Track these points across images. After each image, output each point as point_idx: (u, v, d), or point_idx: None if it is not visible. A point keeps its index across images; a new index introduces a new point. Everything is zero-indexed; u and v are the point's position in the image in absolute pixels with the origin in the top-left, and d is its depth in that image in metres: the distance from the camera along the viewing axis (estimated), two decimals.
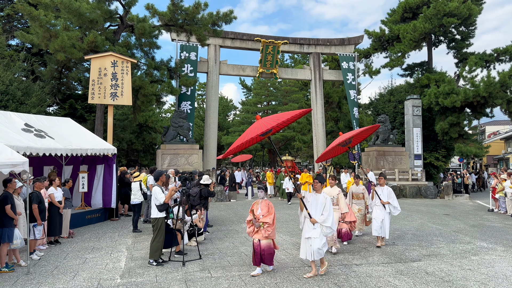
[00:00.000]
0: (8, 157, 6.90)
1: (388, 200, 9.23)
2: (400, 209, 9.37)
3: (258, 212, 6.93)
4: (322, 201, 6.75)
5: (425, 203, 19.08)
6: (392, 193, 9.33)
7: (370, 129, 9.59)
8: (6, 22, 25.08)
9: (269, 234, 6.76)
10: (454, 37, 29.40)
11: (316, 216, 6.65)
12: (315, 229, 6.59)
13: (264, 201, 7.06)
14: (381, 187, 9.46)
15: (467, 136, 26.68)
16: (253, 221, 6.92)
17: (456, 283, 6.53)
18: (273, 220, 6.85)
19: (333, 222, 6.64)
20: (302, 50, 27.65)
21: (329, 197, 6.98)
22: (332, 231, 6.69)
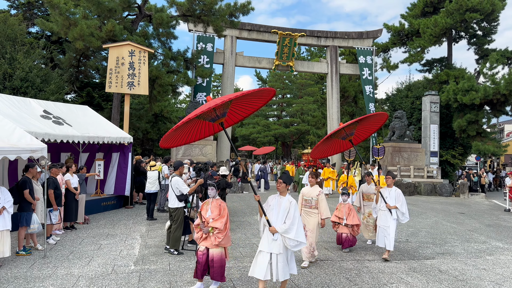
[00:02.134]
0: (28, 143, 7.03)
1: (396, 204, 7.71)
2: (409, 217, 7.86)
3: (208, 214, 5.66)
4: (286, 206, 5.34)
5: (440, 201, 18.85)
6: (401, 196, 7.75)
7: (375, 120, 8.07)
8: (27, 9, 25.42)
9: (219, 241, 5.47)
10: (475, 33, 28.76)
11: (277, 224, 5.26)
12: (276, 240, 5.21)
13: (215, 201, 5.76)
14: (389, 189, 7.90)
15: (485, 134, 26.19)
16: (201, 226, 5.62)
17: (470, 282, 6.45)
18: (226, 225, 5.56)
19: (298, 233, 5.20)
20: (319, 43, 27.42)
21: (296, 200, 5.55)
22: (297, 244, 5.20)
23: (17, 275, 6.22)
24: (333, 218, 8.42)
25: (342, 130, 7.58)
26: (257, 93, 5.42)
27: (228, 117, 6.01)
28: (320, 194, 7.17)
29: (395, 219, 7.70)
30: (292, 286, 6.02)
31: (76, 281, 6.01)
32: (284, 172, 5.72)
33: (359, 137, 8.59)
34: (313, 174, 7.44)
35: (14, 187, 7.64)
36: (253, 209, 13.87)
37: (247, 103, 5.84)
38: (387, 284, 6.23)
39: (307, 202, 7.22)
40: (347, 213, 8.31)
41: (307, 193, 7.32)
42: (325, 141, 7.90)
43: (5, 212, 6.82)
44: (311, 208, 7.17)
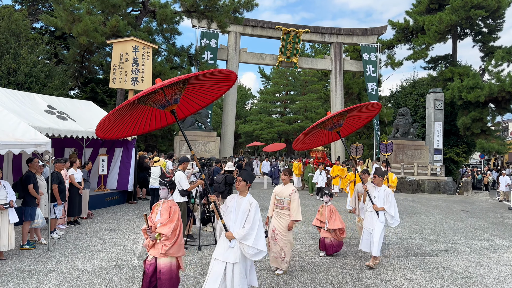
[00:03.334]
0: (32, 137, 7.04)
1: (384, 205, 6.93)
2: (399, 220, 7.11)
3: (157, 218, 4.94)
4: (245, 208, 4.66)
5: (443, 199, 18.80)
6: (390, 197, 6.95)
7: (367, 110, 7.15)
8: (31, 5, 25.46)
9: (167, 250, 4.71)
10: (480, 30, 28.59)
11: (235, 228, 4.60)
12: (233, 248, 4.53)
13: (166, 202, 4.99)
14: (378, 188, 7.11)
15: (489, 132, 26.08)
16: (147, 231, 4.86)
17: (473, 279, 6.43)
18: (175, 231, 4.79)
19: (258, 240, 4.53)
20: (323, 39, 27.33)
21: (255, 203, 4.74)
22: (257, 253, 4.53)
23: (22, 269, 6.25)
24: (315, 222, 7.81)
25: (330, 120, 6.80)
26: (214, 75, 4.63)
27: (182, 104, 5.26)
28: (293, 194, 6.36)
29: (382, 222, 6.91)
30: (295, 281, 6.02)
31: (80, 275, 6.03)
32: (244, 169, 5.02)
33: (347, 129, 7.78)
34: (286, 171, 6.60)
35: (18, 182, 7.67)
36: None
37: (204, 88, 5.07)
38: (390, 280, 6.22)
39: (279, 202, 6.45)
40: (328, 216, 7.58)
41: (279, 192, 6.51)
42: (310, 131, 7.06)
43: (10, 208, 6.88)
44: (283, 209, 6.37)
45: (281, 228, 6.31)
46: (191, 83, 4.75)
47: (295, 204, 6.29)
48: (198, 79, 4.65)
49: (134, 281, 5.84)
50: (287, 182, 6.56)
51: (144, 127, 5.26)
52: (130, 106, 4.56)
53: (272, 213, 6.55)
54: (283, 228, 6.29)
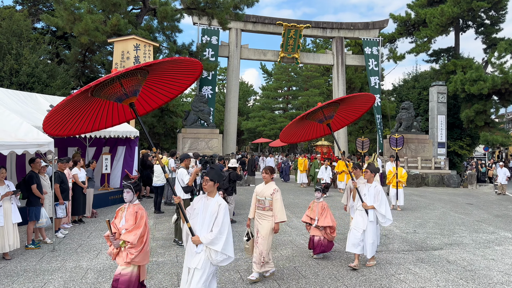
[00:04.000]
0: (35, 137, 7.06)
1: (374, 204, 6.50)
2: (392, 218, 6.61)
3: (121, 223, 4.50)
4: (213, 210, 4.29)
5: (447, 192, 18.75)
6: (381, 195, 6.51)
7: (360, 102, 6.69)
8: (32, 5, 25.48)
9: (132, 259, 4.30)
10: (483, 22, 28.37)
11: (202, 232, 4.24)
12: (199, 253, 4.20)
13: (132, 206, 4.56)
14: (368, 184, 6.67)
15: (493, 125, 25.94)
16: (111, 238, 4.43)
17: (478, 272, 6.41)
18: (141, 238, 4.38)
19: (227, 245, 4.21)
20: (324, 34, 27.23)
21: (224, 204, 4.36)
22: (225, 259, 4.23)
23: (27, 268, 6.28)
24: (305, 218, 7.38)
25: (320, 111, 6.34)
26: (177, 64, 4.20)
27: (143, 99, 4.85)
28: (274, 193, 5.85)
29: (372, 222, 6.48)
30: (299, 277, 6.02)
31: (85, 273, 6.06)
32: (212, 167, 4.56)
33: (339, 122, 7.32)
34: (267, 169, 6.09)
35: (22, 182, 7.70)
36: None
37: (167, 80, 4.64)
38: (395, 275, 6.21)
39: (260, 202, 5.95)
40: (319, 213, 7.12)
41: (260, 191, 6.00)
42: (298, 122, 6.58)
43: (13, 206, 6.91)
44: (265, 210, 5.88)
45: (263, 230, 5.83)
46: (153, 74, 4.37)
47: (278, 204, 5.80)
48: (160, 69, 4.30)
49: None
50: (268, 181, 6.04)
51: (100, 123, 4.85)
52: (84, 100, 4.19)
53: (253, 215, 6.06)
54: (264, 230, 5.81)
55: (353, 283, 5.80)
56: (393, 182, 13.14)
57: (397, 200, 12.78)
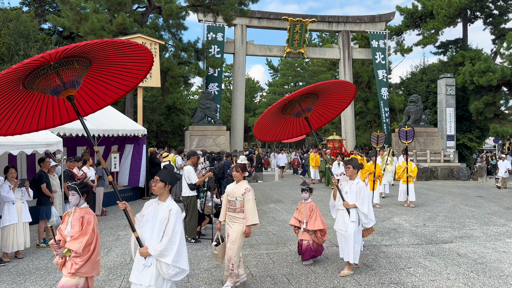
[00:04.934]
0: (43, 137, 7.13)
1: (355, 202, 5.87)
2: (375, 220, 6.12)
3: (67, 230, 4.02)
4: (164, 216, 3.78)
5: (457, 185, 18.61)
6: (363, 192, 5.86)
7: (340, 93, 6.06)
8: (38, 6, 25.66)
9: (77, 269, 3.84)
10: (491, 12, 28.01)
11: (151, 242, 3.74)
12: (149, 267, 3.72)
13: (79, 211, 4.07)
14: (350, 182, 6.04)
15: (503, 116, 25.66)
16: (54, 246, 3.96)
17: (489, 265, 6.36)
18: (89, 247, 3.93)
19: (180, 256, 3.71)
20: (330, 28, 27.09)
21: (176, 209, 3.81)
22: (178, 273, 3.76)
23: (39, 267, 6.36)
24: (292, 221, 6.77)
25: (297, 104, 5.82)
26: (123, 49, 3.60)
27: (86, 92, 4.29)
28: (246, 193, 5.33)
29: (354, 222, 5.85)
30: (308, 272, 6.02)
31: None
32: (165, 167, 4.07)
33: (320, 119, 6.75)
34: (238, 167, 5.51)
35: (31, 182, 7.78)
36: (267, 198, 13.92)
37: (118, 69, 4.02)
38: (405, 268, 6.19)
39: (230, 204, 5.43)
40: (308, 215, 6.51)
41: (231, 191, 5.46)
42: (274, 116, 6.03)
43: (24, 205, 6.99)
44: (236, 212, 5.35)
45: (233, 234, 5.29)
46: (97, 64, 3.83)
47: (250, 205, 5.27)
48: (104, 59, 3.77)
49: None
50: (239, 180, 5.49)
51: (39, 123, 4.34)
52: (16, 93, 3.72)
53: (224, 217, 5.52)
54: (235, 234, 5.28)
55: (363, 277, 5.79)
56: (403, 177, 12.68)
57: (407, 196, 12.30)
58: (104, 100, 4.53)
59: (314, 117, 6.64)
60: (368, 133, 29.91)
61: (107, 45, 3.41)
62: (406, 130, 13.57)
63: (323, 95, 6.03)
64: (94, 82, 4.22)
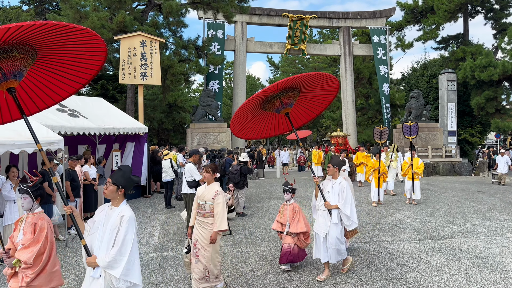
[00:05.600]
0: (44, 136, 7.14)
1: (338, 203, 5.51)
2: (357, 222, 5.76)
3: (19, 237, 3.68)
4: (115, 223, 3.37)
5: (459, 180, 18.59)
6: (345, 192, 5.53)
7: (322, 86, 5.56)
8: (38, 5, 25.65)
9: (29, 282, 3.48)
10: (492, 7, 27.88)
11: (100, 252, 3.35)
12: (98, 279, 3.32)
13: (31, 216, 3.72)
14: (333, 181, 5.71)
15: (504, 111, 25.57)
16: (3, 256, 3.63)
17: (491, 260, 6.36)
18: (41, 256, 3.57)
19: (130, 269, 3.32)
20: (331, 24, 27.01)
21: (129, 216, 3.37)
22: (128, 287, 3.32)
23: None
24: (275, 225, 6.30)
25: (277, 99, 5.46)
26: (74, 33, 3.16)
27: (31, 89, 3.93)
28: (216, 196, 4.97)
29: (336, 224, 5.49)
30: (311, 268, 6.04)
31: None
32: (119, 168, 3.59)
33: (304, 116, 6.35)
34: (209, 167, 5.16)
35: None
36: (269, 195, 13.93)
37: (67, 60, 3.62)
38: (407, 264, 6.19)
39: (200, 207, 5.09)
40: (290, 217, 6.08)
41: (201, 194, 5.11)
42: (253, 112, 5.69)
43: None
44: (205, 217, 5.00)
45: (203, 241, 4.95)
46: (44, 54, 3.47)
47: (220, 210, 4.91)
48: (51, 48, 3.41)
49: (150, 273, 5.92)
50: (210, 181, 5.16)
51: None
52: None
53: (194, 222, 5.17)
54: (205, 241, 4.94)
55: (365, 273, 5.80)
56: (408, 174, 12.11)
57: (413, 193, 11.89)
58: (52, 98, 4.10)
59: (297, 113, 6.28)
60: (370, 129, 29.87)
61: (49, 29, 3.01)
62: (409, 125, 13.05)
63: (304, 90, 5.64)
64: (40, 77, 3.82)
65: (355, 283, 5.42)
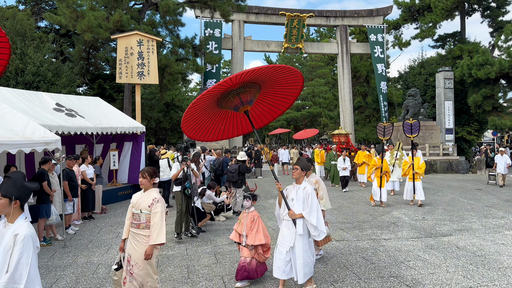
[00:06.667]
0: (42, 136, 7.12)
1: (302, 211, 4.81)
2: (326, 231, 4.91)
3: None
4: (9, 244, 2.90)
5: (456, 178, 18.64)
6: (311, 199, 4.80)
7: (286, 81, 4.94)
8: (35, 4, 25.56)
9: None
10: (489, 5, 27.97)
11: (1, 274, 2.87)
12: None
13: None
14: (297, 186, 5.01)
15: (501, 109, 25.67)
16: None
17: (488, 257, 6.39)
18: None
19: None
20: (328, 23, 27.02)
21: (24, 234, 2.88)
22: None
23: (39, 265, 6.33)
24: (233, 235, 5.58)
25: (236, 96, 4.91)
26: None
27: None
28: (154, 204, 4.33)
29: (302, 235, 4.80)
30: None
31: (96, 268, 6.13)
32: (8, 176, 3.10)
33: (266, 115, 5.75)
34: (145, 172, 4.50)
35: (32, 180, 7.78)
36: (267, 193, 13.95)
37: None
38: (404, 262, 6.21)
39: (135, 217, 4.44)
40: (248, 227, 5.40)
41: (136, 202, 4.46)
42: (209, 110, 5.10)
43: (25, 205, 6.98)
44: (139, 228, 4.37)
45: (138, 256, 4.32)
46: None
47: (157, 220, 4.27)
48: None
49: None
50: (147, 188, 4.49)
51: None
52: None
53: (127, 234, 4.53)
54: (140, 256, 4.31)
55: (362, 271, 5.81)
56: (409, 174, 11.52)
57: (414, 195, 11.28)
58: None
59: (258, 113, 5.68)
60: (367, 128, 29.92)
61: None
62: (411, 123, 12.35)
63: (266, 85, 5.07)
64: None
65: (353, 280, 5.44)
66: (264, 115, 5.74)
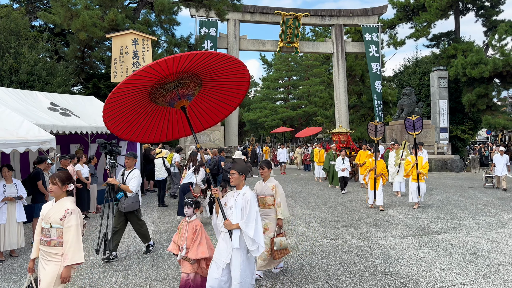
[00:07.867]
0: (36, 135, 7.10)
1: (240, 221, 4.18)
2: (264, 245, 4.23)
3: None
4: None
5: (450, 177, 18.75)
6: (249, 206, 4.22)
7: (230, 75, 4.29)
8: (29, 3, 25.41)
9: None
10: (483, 4, 28.14)
11: None
12: None
13: None
14: (236, 192, 4.45)
15: (495, 108, 25.84)
16: None
17: (482, 255, 6.45)
18: None
19: None
20: (323, 22, 27.07)
21: None
22: None
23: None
24: (171, 246, 4.89)
25: (173, 90, 4.21)
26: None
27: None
28: (66, 217, 3.66)
29: (238, 249, 4.13)
30: (303, 265, 6.07)
31: (91, 268, 6.13)
32: None
33: (211, 117, 5.10)
34: (56, 177, 3.79)
35: (27, 179, 7.76)
36: None
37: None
38: (398, 259, 6.25)
39: (44, 233, 3.75)
40: (190, 238, 4.71)
41: (46, 214, 3.77)
42: (139, 105, 4.38)
43: (19, 204, 6.96)
44: (50, 245, 3.69)
45: (48, 280, 3.61)
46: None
47: (71, 235, 3.61)
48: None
49: (144, 271, 5.93)
50: (59, 196, 3.82)
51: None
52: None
53: (37, 253, 3.84)
54: (50, 280, 3.60)
55: (357, 269, 5.85)
56: (412, 175, 10.73)
57: (419, 196, 10.68)
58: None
59: (201, 111, 5.00)
60: (362, 127, 30.01)
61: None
62: (413, 120, 11.33)
63: (207, 79, 4.38)
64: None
65: (348, 278, 5.47)
66: (209, 115, 5.06)
